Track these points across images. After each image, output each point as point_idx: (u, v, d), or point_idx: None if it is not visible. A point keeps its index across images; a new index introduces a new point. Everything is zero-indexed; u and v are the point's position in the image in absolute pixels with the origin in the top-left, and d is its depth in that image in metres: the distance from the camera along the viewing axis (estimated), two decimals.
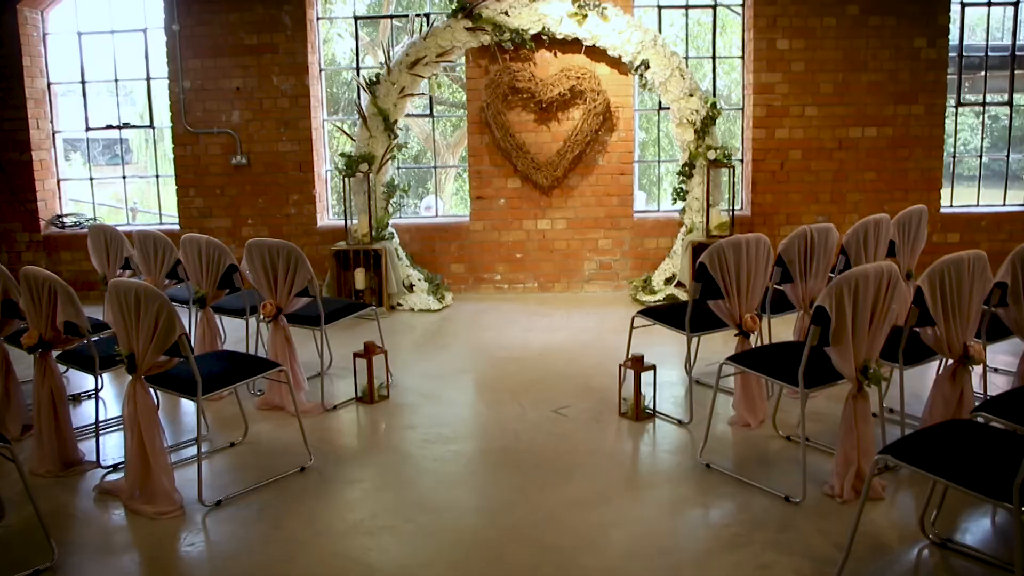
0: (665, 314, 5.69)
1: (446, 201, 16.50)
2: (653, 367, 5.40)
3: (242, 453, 4.98)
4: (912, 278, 6.23)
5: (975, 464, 3.14)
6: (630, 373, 5.40)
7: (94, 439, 4.92)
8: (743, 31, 9.24)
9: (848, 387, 4.18)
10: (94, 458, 4.81)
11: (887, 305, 4.09)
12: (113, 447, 5.07)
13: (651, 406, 5.45)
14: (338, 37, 15.50)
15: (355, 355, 5.85)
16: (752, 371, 4.62)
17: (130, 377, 4.24)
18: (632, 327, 5.76)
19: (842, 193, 9.09)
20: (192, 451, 4.91)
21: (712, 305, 5.20)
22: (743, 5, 9.18)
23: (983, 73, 9.74)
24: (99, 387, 5.57)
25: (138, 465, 4.24)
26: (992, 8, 9.51)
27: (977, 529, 3.91)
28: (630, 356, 5.43)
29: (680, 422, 5.31)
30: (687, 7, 9.34)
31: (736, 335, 5.14)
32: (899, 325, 4.44)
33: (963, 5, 9.19)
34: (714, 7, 9.28)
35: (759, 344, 5.45)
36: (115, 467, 4.72)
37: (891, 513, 4.05)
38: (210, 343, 6.20)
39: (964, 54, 9.35)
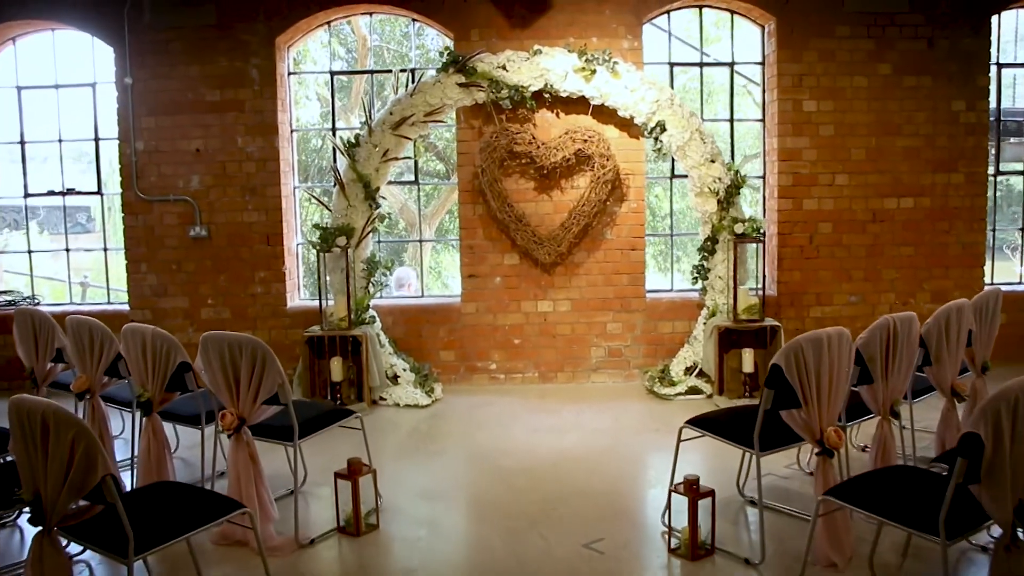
0: (720, 425, 4.62)
1: (423, 277, 15.35)
2: (712, 493, 4.32)
3: None
4: (988, 370, 5.28)
5: None
6: (680, 499, 4.33)
7: None
8: (763, 92, 8.37)
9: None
10: None
11: None
12: None
13: (709, 541, 4.36)
14: (306, 100, 14.46)
15: (336, 475, 4.72)
16: (866, 512, 3.54)
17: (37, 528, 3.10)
18: (680, 440, 4.68)
19: (877, 270, 8.14)
20: None
21: (785, 416, 4.18)
22: (762, 64, 8.33)
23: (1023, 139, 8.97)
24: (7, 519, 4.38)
25: None
26: None
27: None
28: (683, 478, 4.35)
29: (747, 561, 4.22)
30: (701, 64, 8.45)
31: (817, 453, 4.09)
32: None
33: (999, 66, 8.39)
34: (731, 65, 8.40)
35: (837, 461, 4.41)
36: None
37: None
38: (157, 456, 5.03)
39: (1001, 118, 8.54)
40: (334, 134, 8.48)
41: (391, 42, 15.13)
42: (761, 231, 7.35)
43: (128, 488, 5.15)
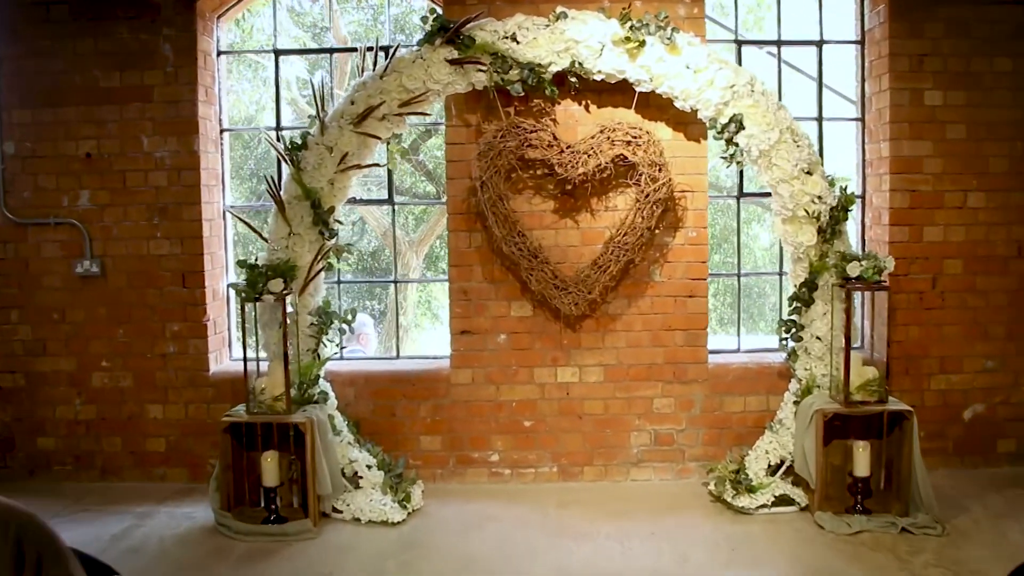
0: None
1: (407, 326, 12.99)
2: None
3: None
4: None
5: None
6: None
7: None
8: (861, 78, 6.18)
9: None
10: None
11: None
12: None
13: None
14: (273, 104, 12.07)
15: None
16: None
17: None
18: None
19: (1022, 325, 5.94)
20: None
21: None
22: (860, 42, 6.14)
23: None
24: None
25: None
26: None
27: None
28: None
29: None
30: (779, 43, 6.22)
31: None
32: None
33: None
34: (819, 44, 6.19)
35: None
36: None
37: None
38: None
39: None
40: (279, 137, 6.25)
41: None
42: (884, 274, 5.13)
43: None
